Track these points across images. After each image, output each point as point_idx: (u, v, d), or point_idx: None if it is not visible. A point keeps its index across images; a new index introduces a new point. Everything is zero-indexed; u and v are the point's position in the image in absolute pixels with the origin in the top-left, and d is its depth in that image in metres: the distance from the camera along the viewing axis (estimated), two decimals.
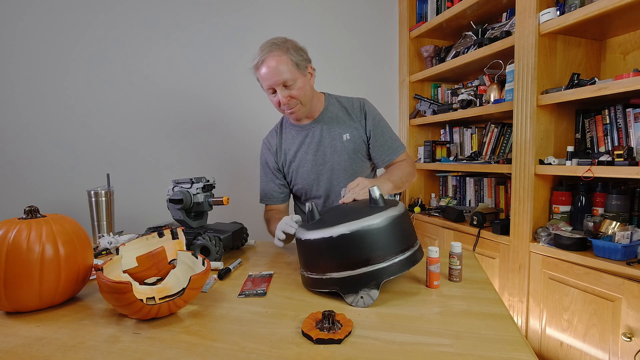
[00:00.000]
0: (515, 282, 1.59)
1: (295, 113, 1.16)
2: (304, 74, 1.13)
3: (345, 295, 0.74)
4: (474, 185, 2.11)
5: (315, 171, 1.24)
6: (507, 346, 0.57)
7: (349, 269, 0.73)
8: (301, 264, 0.83)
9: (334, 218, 0.79)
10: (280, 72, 1.07)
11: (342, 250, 0.73)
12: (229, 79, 2.08)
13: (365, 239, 0.72)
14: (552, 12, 1.42)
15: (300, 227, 0.83)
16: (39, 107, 1.80)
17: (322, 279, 0.76)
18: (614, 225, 1.30)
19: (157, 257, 0.84)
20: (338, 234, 0.73)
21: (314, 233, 0.76)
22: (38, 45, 1.78)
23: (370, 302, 0.72)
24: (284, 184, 1.30)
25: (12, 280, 0.69)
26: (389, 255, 0.74)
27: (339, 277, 0.74)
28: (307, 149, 1.24)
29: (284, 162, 1.28)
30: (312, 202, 0.89)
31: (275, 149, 1.28)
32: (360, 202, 0.90)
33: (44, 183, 1.83)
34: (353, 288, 0.73)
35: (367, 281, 0.72)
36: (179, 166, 2.03)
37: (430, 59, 2.31)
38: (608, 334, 1.25)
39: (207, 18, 2.03)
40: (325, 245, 0.74)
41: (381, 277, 0.72)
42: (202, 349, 0.58)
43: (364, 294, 0.72)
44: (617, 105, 1.41)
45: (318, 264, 0.77)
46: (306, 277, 0.81)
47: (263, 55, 1.08)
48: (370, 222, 0.73)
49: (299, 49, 1.12)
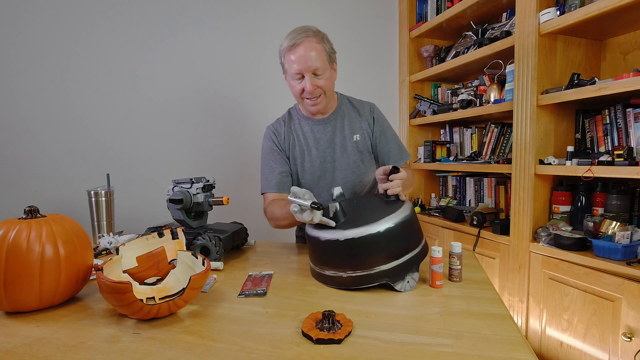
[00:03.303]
0: (515, 282, 1.59)
1: (318, 104, 1.14)
2: (332, 66, 1.14)
3: (394, 283, 0.79)
4: (474, 185, 2.11)
5: (322, 168, 1.22)
6: (507, 346, 0.58)
7: (396, 258, 0.79)
8: (335, 265, 0.82)
9: (367, 214, 0.84)
10: (315, 58, 1.06)
11: (390, 243, 0.78)
12: (229, 79, 2.08)
13: (406, 228, 0.81)
14: (552, 12, 1.42)
15: (336, 228, 0.82)
16: (39, 107, 1.80)
17: (371, 274, 0.79)
18: (614, 225, 1.30)
19: (157, 257, 0.84)
20: (385, 228, 0.78)
21: (358, 231, 0.78)
22: (38, 46, 1.78)
23: (414, 285, 0.81)
24: (291, 172, 1.25)
25: (12, 280, 0.69)
26: (419, 240, 0.85)
27: (388, 268, 0.79)
28: (317, 144, 1.22)
29: (290, 153, 1.24)
30: (336, 203, 0.85)
31: (284, 137, 1.24)
32: (368, 197, 0.99)
33: (44, 183, 1.83)
34: (400, 275, 0.80)
35: (411, 266, 0.80)
36: (179, 166, 2.03)
37: (430, 59, 2.31)
38: (608, 334, 1.25)
39: (207, 18, 2.03)
40: (374, 240, 0.78)
41: (420, 259, 0.83)
42: (202, 349, 0.58)
43: (410, 278, 0.80)
44: (617, 105, 1.41)
45: (366, 260, 0.78)
46: (345, 277, 0.81)
47: (299, 38, 1.06)
48: (405, 212, 0.82)
49: (330, 43, 1.13)
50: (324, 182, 1.23)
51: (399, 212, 0.81)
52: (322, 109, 1.18)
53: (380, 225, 0.78)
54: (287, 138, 1.24)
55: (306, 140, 1.23)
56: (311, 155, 1.22)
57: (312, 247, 0.87)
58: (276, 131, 1.25)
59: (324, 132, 1.22)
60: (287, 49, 1.08)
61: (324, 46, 1.09)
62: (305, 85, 1.09)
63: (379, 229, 0.78)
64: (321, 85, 1.10)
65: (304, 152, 1.23)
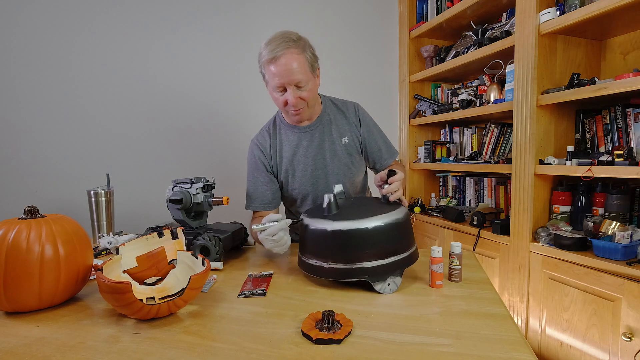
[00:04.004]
0: (515, 282, 1.59)
1: (300, 115, 1.11)
2: (314, 75, 1.10)
3: (374, 283, 0.79)
4: (474, 185, 2.11)
5: (314, 175, 1.20)
6: (507, 346, 0.57)
7: (380, 258, 0.79)
8: (320, 255, 0.82)
9: (361, 211, 0.84)
10: (297, 71, 1.01)
11: (376, 241, 0.78)
12: (228, 79, 2.08)
13: (394, 230, 0.80)
14: (552, 12, 1.42)
15: (324, 217, 0.83)
16: (39, 107, 1.80)
17: (352, 269, 0.79)
18: (614, 225, 1.30)
19: (157, 257, 0.84)
20: (373, 225, 0.78)
21: (347, 224, 0.79)
22: (38, 45, 1.78)
23: (395, 289, 0.80)
24: (278, 187, 1.24)
25: (11, 280, 0.69)
26: (410, 246, 0.84)
27: (369, 266, 0.78)
28: (306, 152, 1.19)
29: (278, 165, 1.21)
30: (331, 194, 0.86)
31: (270, 151, 1.21)
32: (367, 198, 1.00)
33: (44, 183, 1.83)
34: (382, 276, 0.79)
35: (394, 269, 0.80)
36: (179, 166, 2.03)
37: (430, 59, 2.31)
38: (608, 334, 1.25)
39: (206, 18, 2.03)
40: (360, 235, 0.78)
41: (405, 265, 0.82)
42: (202, 349, 0.58)
43: (391, 281, 0.79)
44: (617, 105, 1.41)
45: (349, 254, 0.79)
46: (327, 268, 0.81)
47: (279, 50, 1.00)
48: (398, 215, 0.82)
49: (312, 48, 1.08)
50: (317, 188, 1.21)
51: (391, 214, 0.82)
52: (304, 118, 1.15)
53: (370, 222, 0.79)
54: (273, 151, 1.21)
55: (295, 150, 1.19)
56: (302, 164, 1.19)
57: (301, 235, 0.88)
58: (261, 146, 1.21)
59: (312, 139, 1.19)
60: (267, 61, 1.02)
61: (305, 56, 1.04)
62: (287, 98, 1.05)
63: (368, 225, 0.78)
64: (304, 96, 1.06)
65: (294, 162, 1.20)
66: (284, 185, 1.23)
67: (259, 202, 1.20)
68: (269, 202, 1.21)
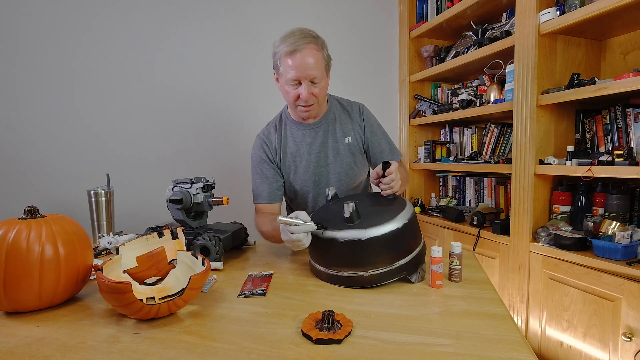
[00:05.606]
0: (515, 282, 1.59)
1: (310, 111, 1.13)
2: (328, 74, 1.13)
3: (410, 275, 0.84)
4: (474, 185, 2.11)
5: (316, 173, 1.22)
6: (507, 346, 0.57)
7: (410, 252, 0.84)
8: (358, 265, 0.81)
9: (379, 213, 0.87)
10: (314, 66, 1.04)
11: (405, 238, 0.83)
12: (229, 79, 2.08)
13: (415, 225, 0.87)
14: (552, 12, 1.42)
15: (354, 228, 0.81)
16: (39, 107, 1.81)
17: (392, 270, 0.81)
18: (614, 225, 1.30)
19: (157, 257, 0.84)
20: (402, 223, 0.82)
21: (378, 229, 0.80)
22: (38, 45, 1.78)
23: (424, 275, 0.86)
24: (282, 182, 1.26)
25: (11, 280, 0.69)
26: (421, 234, 0.91)
27: (405, 262, 0.82)
28: (310, 149, 1.21)
29: (282, 160, 1.23)
30: (351, 203, 0.84)
31: (275, 145, 1.23)
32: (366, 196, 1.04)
33: (44, 183, 1.83)
34: (414, 267, 0.84)
35: (421, 259, 0.87)
36: (179, 166, 2.03)
37: (430, 59, 2.31)
38: (608, 334, 1.25)
39: (206, 18, 2.03)
40: (393, 236, 0.80)
41: (424, 251, 0.90)
42: (202, 349, 0.58)
43: (420, 269, 0.85)
44: (617, 105, 1.41)
45: (386, 256, 0.81)
46: (367, 276, 0.81)
47: (300, 44, 1.02)
48: (411, 209, 0.88)
49: (327, 48, 1.11)
50: (319, 185, 1.23)
51: (408, 208, 0.87)
52: (313, 115, 1.17)
53: (397, 222, 0.81)
54: (278, 146, 1.23)
55: (298, 146, 1.22)
56: (304, 160, 1.21)
57: (325, 249, 0.85)
58: (268, 140, 1.23)
59: (316, 137, 1.21)
60: (285, 53, 1.03)
61: (323, 54, 1.07)
62: (301, 92, 1.07)
63: (397, 225, 0.81)
64: (316, 93, 1.09)
65: (297, 158, 1.22)
66: (285, 181, 1.25)
67: (265, 195, 1.21)
68: (275, 195, 1.22)
